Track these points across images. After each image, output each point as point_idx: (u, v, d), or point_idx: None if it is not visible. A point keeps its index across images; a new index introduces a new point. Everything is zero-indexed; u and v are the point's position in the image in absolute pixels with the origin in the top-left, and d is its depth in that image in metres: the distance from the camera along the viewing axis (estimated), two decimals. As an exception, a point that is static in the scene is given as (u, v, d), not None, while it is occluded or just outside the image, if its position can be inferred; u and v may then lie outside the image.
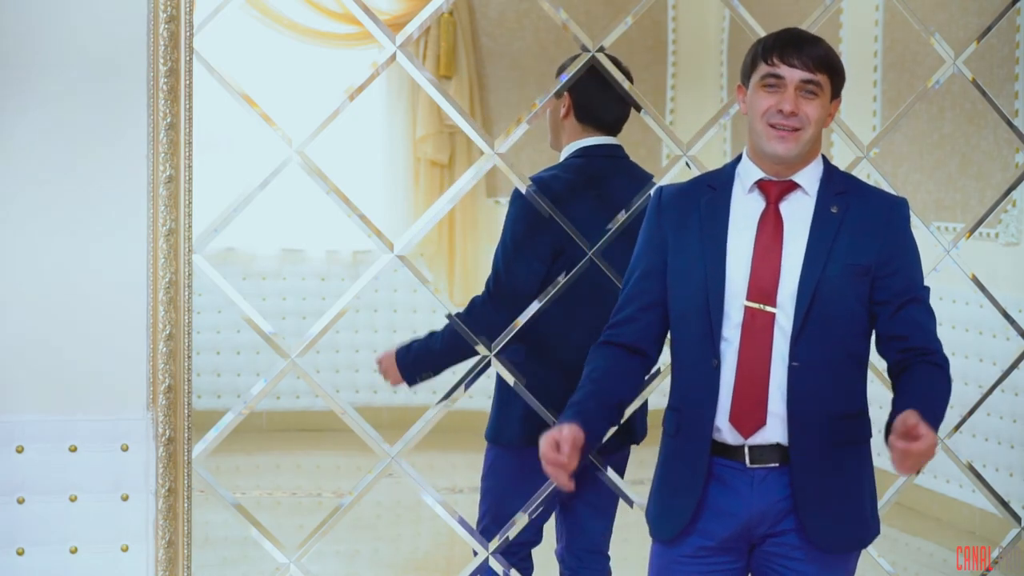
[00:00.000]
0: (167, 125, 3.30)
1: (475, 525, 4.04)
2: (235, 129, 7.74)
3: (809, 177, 3.18)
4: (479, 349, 3.81)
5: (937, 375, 3.10)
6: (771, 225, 3.14)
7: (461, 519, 3.84)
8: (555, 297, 3.85)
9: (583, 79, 3.91)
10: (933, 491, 6.79)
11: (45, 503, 3.28)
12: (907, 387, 3.09)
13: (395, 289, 8.53)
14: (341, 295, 3.74)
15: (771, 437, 3.12)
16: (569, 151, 4.07)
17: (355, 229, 3.74)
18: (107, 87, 3.28)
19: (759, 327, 3.10)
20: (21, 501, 3.27)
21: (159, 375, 3.33)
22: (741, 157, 3.23)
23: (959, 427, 4.31)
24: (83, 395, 3.31)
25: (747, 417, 3.11)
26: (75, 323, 3.30)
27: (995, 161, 6.49)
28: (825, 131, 3.57)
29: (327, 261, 8.56)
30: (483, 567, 3.89)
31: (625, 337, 3.24)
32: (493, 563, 3.90)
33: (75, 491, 3.30)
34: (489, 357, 3.82)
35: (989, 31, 4.27)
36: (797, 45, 3.12)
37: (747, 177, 3.19)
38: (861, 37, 7.34)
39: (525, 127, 3.79)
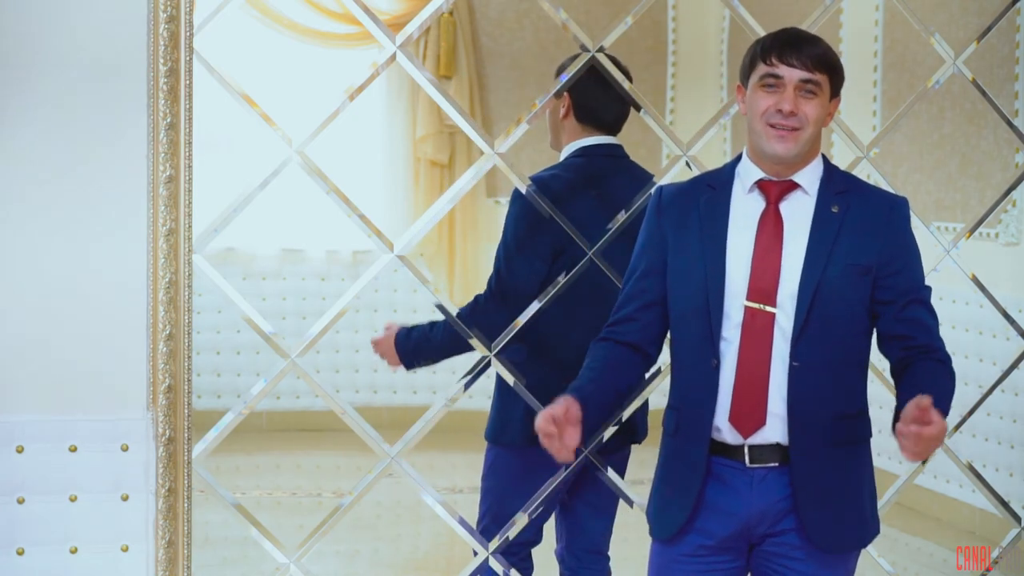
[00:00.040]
0: (167, 125, 3.30)
1: (475, 525, 4.04)
2: (235, 129, 7.74)
3: (809, 177, 3.18)
4: (479, 349, 3.82)
5: (941, 371, 3.10)
6: (771, 225, 3.14)
7: (461, 519, 3.84)
8: (555, 297, 3.85)
9: (583, 79, 3.91)
10: (933, 491, 6.79)
11: (45, 503, 3.28)
12: (913, 380, 3.08)
13: (395, 289, 8.54)
14: (341, 295, 3.74)
15: (771, 437, 3.12)
16: (569, 151, 4.07)
17: (355, 229, 3.74)
18: (107, 87, 3.28)
19: (759, 327, 3.10)
20: (21, 501, 3.27)
21: (159, 375, 3.33)
22: (741, 157, 3.23)
23: (959, 427, 4.31)
24: (83, 395, 3.31)
25: (747, 417, 3.11)
26: (75, 323, 3.30)
27: (995, 161, 6.49)
28: (825, 131, 3.57)
29: (327, 261, 8.56)
30: (483, 567, 3.89)
31: (625, 336, 3.24)
32: (493, 563, 3.90)
33: (75, 491, 3.30)
34: (489, 357, 3.82)
35: (989, 31, 4.27)
36: (795, 45, 3.12)
37: (747, 177, 3.19)
38: (861, 37, 7.34)
39: (525, 127, 3.79)
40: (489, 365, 3.83)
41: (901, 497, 4.33)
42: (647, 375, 3.97)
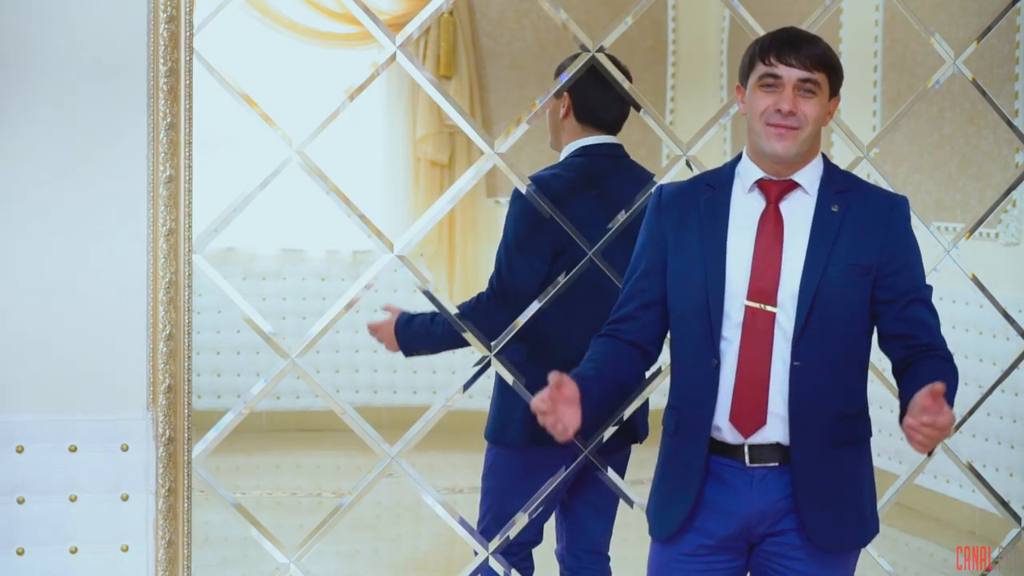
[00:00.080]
0: (167, 125, 3.30)
1: (476, 525, 4.04)
2: (235, 129, 7.74)
3: (809, 176, 3.18)
4: (479, 350, 3.81)
5: (945, 368, 3.10)
6: (771, 225, 3.14)
7: (462, 519, 3.84)
8: (555, 297, 3.85)
9: (583, 79, 3.91)
10: (933, 491, 6.79)
11: (45, 503, 3.28)
12: (917, 377, 3.06)
13: (395, 289, 8.53)
14: (341, 295, 3.74)
15: (771, 436, 3.12)
16: (569, 150, 4.07)
17: (355, 229, 3.74)
18: (107, 87, 3.28)
19: (759, 327, 3.10)
20: (21, 501, 3.27)
21: (159, 375, 3.33)
22: (741, 156, 3.23)
23: (959, 427, 4.31)
24: (83, 395, 3.31)
25: (747, 417, 3.11)
26: (75, 323, 3.30)
27: (995, 161, 6.49)
28: (825, 131, 3.57)
29: (327, 261, 8.56)
30: (483, 567, 3.89)
31: (625, 334, 3.24)
32: (493, 563, 3.90)
33: (75, 491, 3.30)
34: (489, 357, 3.82)
35: (989, 31, 4.27)
36: (794, 44, 3.12)
37: (747, 176, 3.19)
38: (861, 37, 7.34)
39: (525, 127, 3.79)
40: (489, 365, 3.83)
41: (901, 497, 4.33)
42: (647, 375, 3.98)
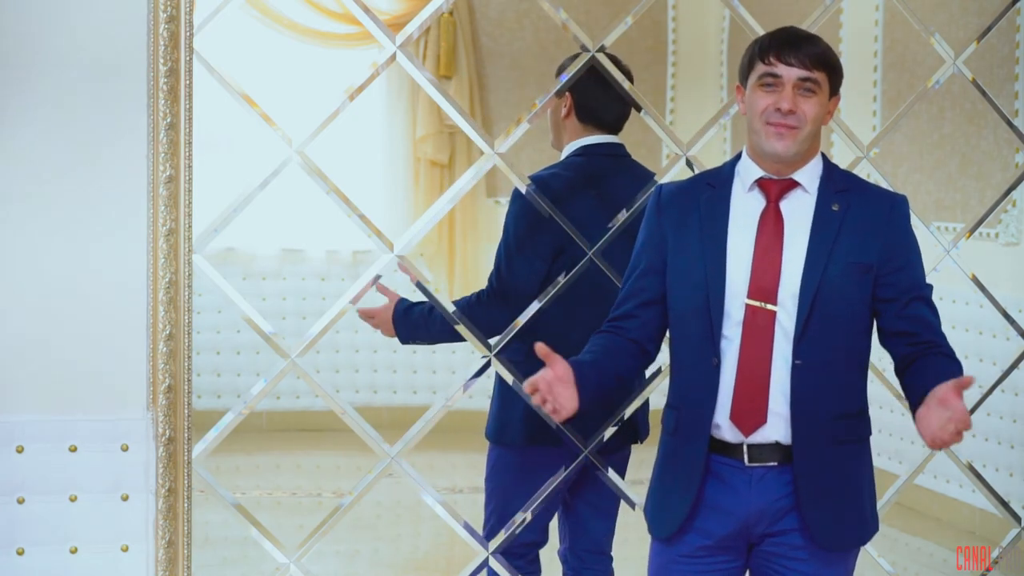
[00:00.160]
0: (167, 125, 3.30)
1: (481, 527, 4.04)
2: (235, 129, 7.74)
3: (809, 175, 3.18)
4: (479, 350, 3.81)
5: (951, 365, 3.10)
6: (772, 223, 3.14)
7: (466, 524, 3.84)
8: (555, 297, 3.85)
9: (583, 78, 3.90)
10: (933, 491, 6.79)
11: (45, 503, 3.28)
12: (924, 373, 3.07)
13: (395, 289, 8.52)
14: (341, 295, 3.74)
15: (770, 435, 3.12)
16: (570, 150, 4.07)
17: (355, 229, 3.74)
18: (107, 87, 3.28)
19: (760, 325, 3.10)
20: (21, 501, 3.27)
21: (159, 375, 3.33)
22: (741, 155, 3.23)
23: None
24: (83, 395, 3.31)
25: (747, 415, 3.11)
26: (75, 323, 3.30)
27: (995, 161, 6.49)
28: (825, 130, 3.57)
29: (327, 261, 8.56)
30: (489, 568, 3.89)
31: (624, 332, 3.24)
32: (496, 565, 3.89)
33: (75, 491, 3.30)
34: (489, 357, 3.81)
35: (989, 31, 4.27)
36: (794, 44, 3.12)
37: (747, 175, 3.19)
38: (861, 37, 7.34)
39: (525, 127, 3.79)
40: (489, 365, 3.83)
41: (901, 497, 4.33)
42: (647, 374, 3.98)
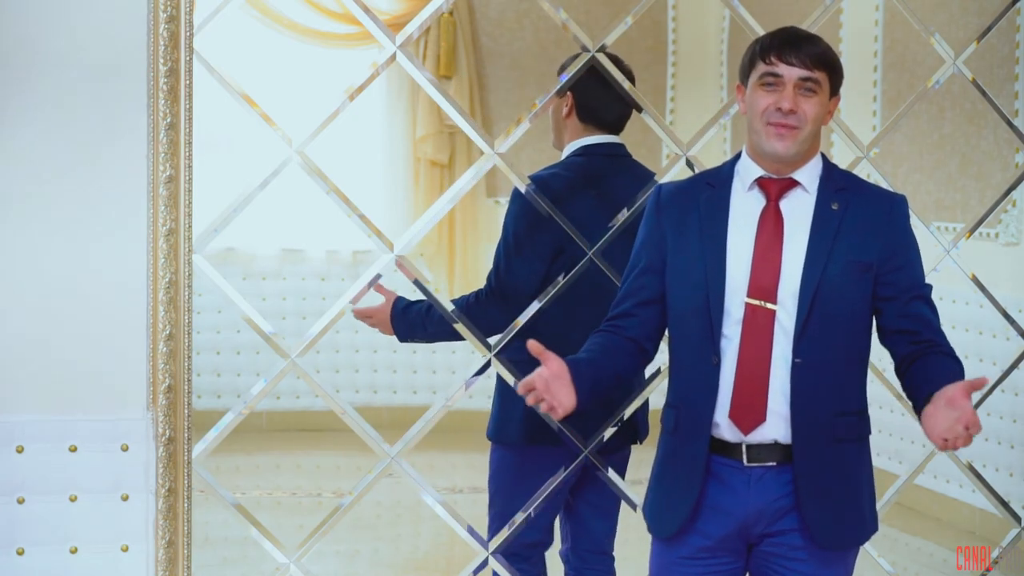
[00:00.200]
0: (167, 125, 3.30)
1: (481, 526, 4.03)
2: (235, 129, 7.73)
3: (809, 175, 3.18)
4: (479, 350, 3.81)
5: (953, 365, 3.11)
6: (771, 223, 3.15)
7: (470, 528, 3.83)
8: (555, 297, 3.85)
9: (585, 78, 3.90)
10: (933, 491, 6.79)
11: (45, 503, 3.28)
12: (926, 372, 3.08)
13: (395, 289, 8.52)
14: (341, 295, 3.74)
15: (769, 434, 3.12)
16: (570, 150, 4.07)
17: (355, 229, 3.74)
18: (107, 87, 3.28)
19: (760, 324, 3.10)
20: (21, 501, 3.27)
21: (159, 375, 3.33)
22: (740, 155, 3.23)
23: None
24: (83, 395, 3.31)
25: (747, 413, 3.11)
26: (75, 323, 3.30)
27: (995, 161, 6.49)
28: (825, 130, 3.57)
29: (327, 261, 8.55)
30: (494, 572, 3.89)
31: (623, 330, 3.24)
32: (496, 565, 3.89)
33: (75, 491, 3.30)
34: (489, 358, 3.81)
35: (989, 31, 4.27)
36: (795, 43, 3.12)
37: (747, 175, 3.19)
38: (861, 37, 7.34)
39: (525, 127, 3.79)
40: (489, 365, 3.83)
41: (901, 497, 4.33)
42: (647, 375, 3.98)
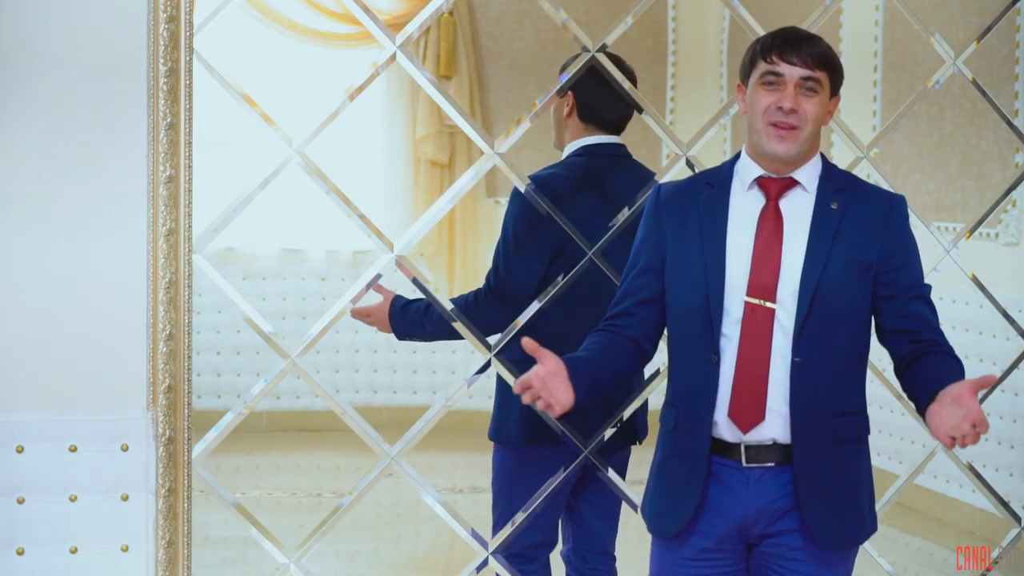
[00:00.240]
0: (167, 125, 3.30)
1: (481, 526, 4.03)
2: (235, 129, 7.73)
3: (808, 174, 3.18)
4: (479, 351, 3.81)
5: (955, 365, 3.11)
6: (771, 222, 3.15)
7: (474, 531, 3.83)
8: (555, 297, 3.85)
9: (585, 78, 3.90)
10: (933, 491, 6.79)
11: (45, 503, 3.28)
12: (928, 371, 3.08)
13: (395, 289, 8.52)
14: (341, 295, 3.74)
15: (768, 434, 3.12)
16: (570, 149, 4.06)
17: (355, 229, 3.74)
18: (107, 87, 3.28)
19: (759, 323, 3.10)
20: (21, 501, 3.27)
21: (159, 375, 3.34)
22: (740, 155, 3.23)
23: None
24: (83, 395, 3.31)
25: (746, 411, 3.11)
26: (75, 323, 3.30)
27: (995, 161, 6.49)
28: (825, 131, 3.57)
29: (327, 261, 8.56)
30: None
31: (621, 330, 3.24)
32: (497, 565, 3.88)
33: (75, 491, 3.30)
34: (489, 358, 3.81)
35: (989, 31, 4.27)
36: (796, 43, 3.12)
37: (746, 174, 3.19)
38: (861, 37, 7.34)
39: (525, 127, 3.79)
40: (489, 365, 3.83)
41: (901, 497, 4.33)
42: (646, 375, 3.98)
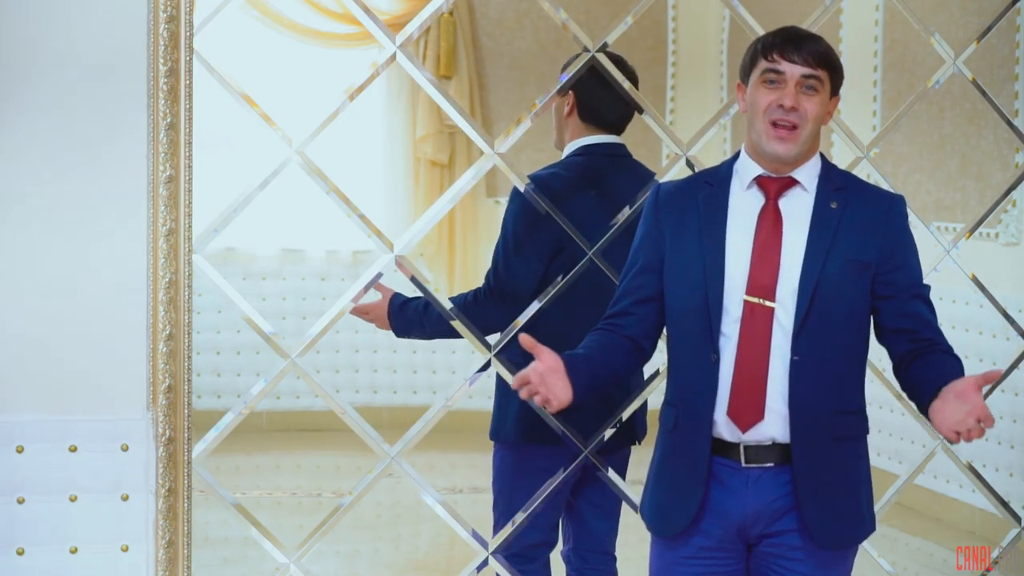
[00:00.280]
0: (167, 125, 3.30)
1: (481, 526, 4.03)
2: (235, 129, 7.73)
3: (808, 174, 3.18)
4: (479, 351, 3.81)
5: (955, 364, 3.11)
6: (770, 221, 3.15)
7: (475, 533, 3.83)
8: (555, 297, 3.84)
9: (586, 78, 3.90)
10: (933, 491, 6.79)
11: (45, 503, 3.28)
12: (928, 370, 3.09)
13: (395, 289, 8.52)
14: (341, 295, 3.74)
15: (767, 433, 3.12)
16: (571, 149, 4.06)
17: (355, 229, 3.74)
18: (107, 87, 3.28)
19: (758, 322, 3.11)
20: (21, 501, 3.27)
21: (159, 375, 3.33)
22: (739, 154, 3.23)
23: (959, 427, 4.30)
24: (83, 395, 3.31)
25: (745, 410, 3.11)
26: (75, 323, 3.30)
27: (995, 161, 6.49)
28: (825, 131, 3.57)
29: (327, 261, 8.56)
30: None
31: (620, 329, 3.24)
32: (497, 565, 3.88)
33: (75, 491, 3.30)
34: (489, 358, 3.81)
35: (989, 31, 4.27)
36: (797, 42, 3.13)
37: (746, 173, 3.19)
38: (861, 37, 7.34)
39: (525, 127, 3.79)
40: (489, 365, 3.83)
41: (901, 497, 4.33)
42: (645, 375, 3.98)
